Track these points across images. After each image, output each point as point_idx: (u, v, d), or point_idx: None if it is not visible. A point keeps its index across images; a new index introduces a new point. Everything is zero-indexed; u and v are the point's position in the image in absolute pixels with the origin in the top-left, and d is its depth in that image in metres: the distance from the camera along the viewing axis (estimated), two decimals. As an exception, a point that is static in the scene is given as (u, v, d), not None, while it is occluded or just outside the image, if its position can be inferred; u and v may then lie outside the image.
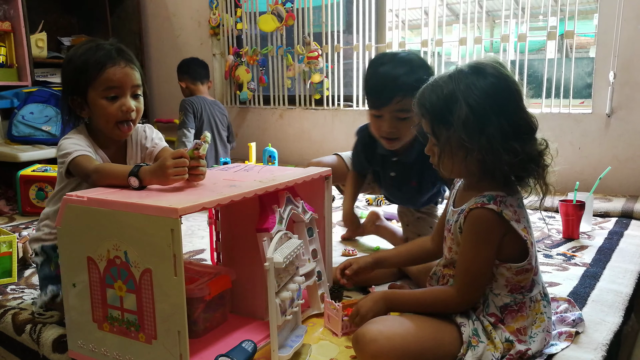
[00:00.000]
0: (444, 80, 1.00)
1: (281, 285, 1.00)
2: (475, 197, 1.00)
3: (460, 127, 0.95)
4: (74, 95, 1.22)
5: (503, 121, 0.95)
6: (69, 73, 1.23)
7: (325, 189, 1.35)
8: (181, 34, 3.74)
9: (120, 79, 1.20)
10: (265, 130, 3.44)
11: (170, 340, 0.94)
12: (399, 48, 2.96)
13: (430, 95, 1.01)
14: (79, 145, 1.19)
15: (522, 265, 0.99)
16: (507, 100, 0.97)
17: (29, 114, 2.98)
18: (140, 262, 0.95)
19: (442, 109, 0.98)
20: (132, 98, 1.23)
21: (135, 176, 1.06)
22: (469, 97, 0.95)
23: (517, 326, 1.00)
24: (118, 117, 1.21)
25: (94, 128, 1.26)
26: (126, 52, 1.23)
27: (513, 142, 0.95)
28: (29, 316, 1.28)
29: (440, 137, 1.00)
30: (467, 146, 0.96)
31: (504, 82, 0.98)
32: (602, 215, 2.10)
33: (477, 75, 0.97)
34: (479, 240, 0.99)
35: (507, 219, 0.97)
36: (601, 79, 2.38)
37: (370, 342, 0.96)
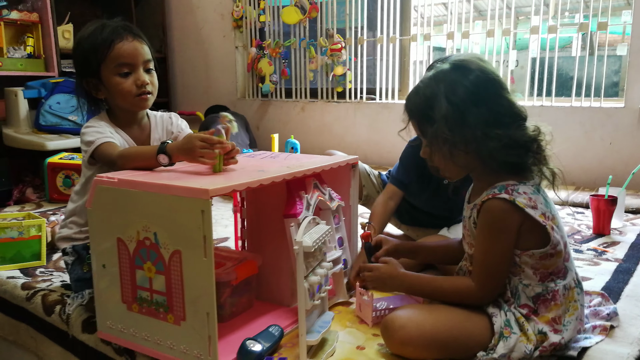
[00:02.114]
0: (425, 81, 1.02)
1: (309, 270, 1.00)
2: (486, 190, 0.99)
3: (442, 122, 0.97)
4: (87, 77, 1.23)
5: (483, 110, 0.96)
6: (80, 55, 1.23)
7: (351, 177, 1.34)
8: (204, 26, 3.75)
9: (131, 54, 1.20)
10: (286, 124, 3.44)
11: (199, 321, 0.94)
12: (424, 41, 2.93)
13: (415, 98, 1.03)
14: (101, 132, 1.19)
15: (544, 251, 0.96)
16: (486, 90, 0.97)
17: (56, 104, 3.03)
18: (170, 244, 0.95)
19: (424, 107, 1.00)
20: (145, 72, 1.22)
21: (164, 153, 1.06)
22: (448, 92, 0.97)
23: (552, 315, 0.97)
24: (134, 91, 1.21)
25: (114, 109, 1.26)
26: (133, 28, 1.23)
27: (495, 129, 0.95)
28: (58, 297, 1.30)
29: (426, 136, 1.02)
30: (451, 139, 0.97)
31: (483, 74, 0.98)
32: (634, 212, 2.05)
33: (456, 71, 0.99)
34: (493, 231, 0.98)
35: (521, 206, 0.95)
36: (635, 72, 2.31)
37: (400, 328, 0.95)
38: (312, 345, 1.00)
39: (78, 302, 1.22)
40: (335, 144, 3.17)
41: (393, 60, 3.04)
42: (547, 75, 2.52)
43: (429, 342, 0.95)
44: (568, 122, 2.48)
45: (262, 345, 0.98)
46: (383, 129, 3.09)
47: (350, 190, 1.34)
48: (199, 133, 1.10)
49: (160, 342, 1.00)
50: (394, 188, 1.52)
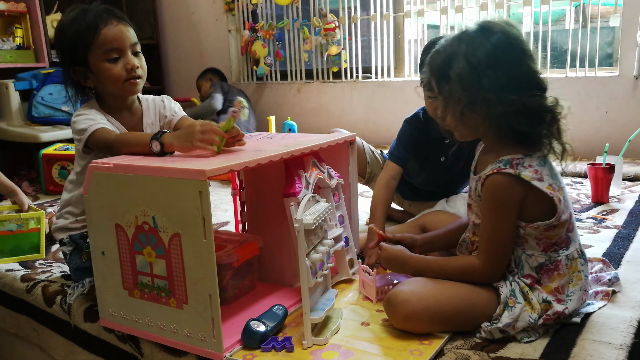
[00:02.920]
0: (450, 40, 1.00)
1: (311, 248, 0.99)
2: (491, 164, 0.98)
3: (457, 80, 0.95)
4: (74, 66, 1.19)
5: (500, 74, 0.94)
6: (64, 44, 1.19)
7: (350, 155, 1.33)
8: (196, 10, 3.70)
9: (118, 38, 1.16)
10: (283, 105, 3.41)
11: (202, 304, 0.93)
12: (417, 18, 2.89)
13: (437, 56, 1.02)
14: (93, 119, 1.17)
15: (550, 223, 0.96)
16: (506, 54, 0.95)
17: (48, 95, 2.99)
18: (169, 227, 0.94)
19: (443, 65, 0.99)
20: (133, 56, 1.20)
21: (157, 140, 1.04)
22: (468, 52, 0.95)
23: (555, 285, 0.97)
24: (124, 76, 1.18)
25: (103, 95, 1.24)
26: (115, 11, 1.19)
27: (509, 94, 0.93)
28: (58, 288, 1.30)
29: (442, 93, 1.01)
30: (462, 98, 0.96)
31: (506, 38, 0.96)
32: (632, 179, 2.04)
33: (480, 32, 0.97)
34: (498, 207, 0.96)
35: (527, 179, 0.93)
36: (629, 40, 2.29)
37: (403, 302, 0.95)
38: (316, 323, 1.00)
39: (79, 291, 1.21)
40: (332, 124, 3.15)
41: (388, 38, 3.00)
42: (542, 48, 2.50)
43: (432, 316, 0.95)
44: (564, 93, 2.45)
45: (266, 326, 0.98)
46: (380, 107, 3.06)
47: (349, 167, 1.33)
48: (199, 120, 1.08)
49: (164, 326, 1.00)
50: (394, 165, 1.52)
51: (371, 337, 0.99)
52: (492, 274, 0.99)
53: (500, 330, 0.95)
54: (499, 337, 0.95)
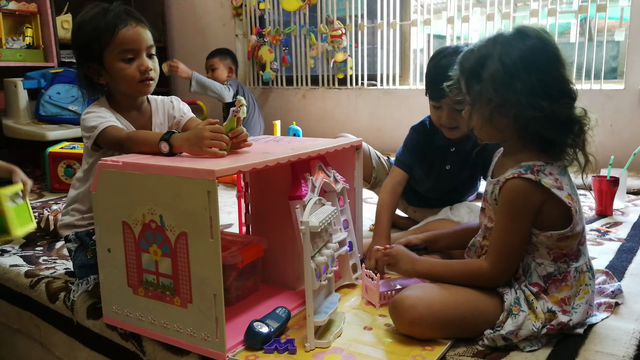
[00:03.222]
0: (485, 42, 1.01)
1: (316, 251, 0.99)
2: (511, 168, 0.98)
3: (489, 81, 0.96)
4: (89, 63, 1.21)
5: (533, 78, 0.94)
6: (81, 40, 1.21)
7: (355, 160, 1.33)
8: (203, 15, 3.73)
9: (135, 40, 1.19)
10: (288, 111, 3.43)
11: (206, 303, 0.94)
12: (424, 26, 2.91)
13: (470, 56, 1.02)
14: (103, 117, 1.18)
15: (563, 233, 0.96)
16: (541, 60, 0.96)
17: (56, 94, 3.01)
18: (176, 226, 0.95)
19: (476, 65, 0.99)
20: (147, 58, 1.22)
21: (167, 142, 1.05)
22: (502, 54, 0.96)
23: (562, 296, 0.97)
24: (137, 77, 1.20)
25: (115, 94, 1.25)
26: (135, 12, 1.22)
27: (540, 100, 0.93)
28: (62, 284, 1.30)
29: (471, 93, 1.01)
30: (493, 100, 0.96)
31: (542, 44, 0.97)
32: (635, 193, 2.05)
33: (517, 37, 0.97)
34: (514, 211, 0.96)
35: (547, 186, 0.94)
36: (635, 54, 2.30)
37: (409, 308, 0.95)
38: (319, 326, 1.00)
39: (83, 288, 1.22)
40: (337, 130, 3.15)
41: (394, 46, 3.02)
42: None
43: (438, 322, 0.95)
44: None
45: (269, 327, 0.99)
46: (385, 115, 3.08)
47: (355, 172, 1.33)
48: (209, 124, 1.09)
49: (167, 325, 1.00)
50: (400, 171, 1.53)
51: (374, 341, 0.99)
52: (498, 278, 0.99)
53: (503, 337, 0.95)
54: (502, 345, 0.95)
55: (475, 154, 1.18)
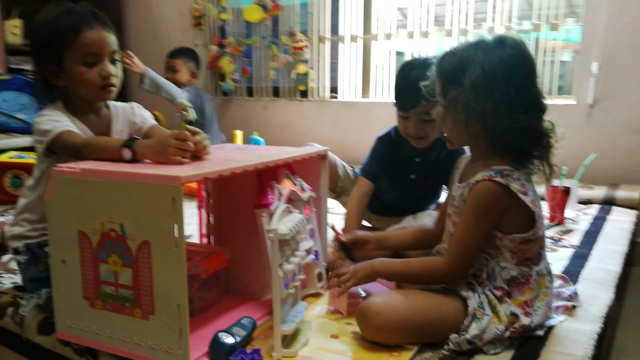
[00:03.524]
0: (465, 46, 1.02)
1: (284, 259, 0.98)
2: (482, 171, 1.00)
3: (469, 87, 0.97)
4: (47, 63, 1.16)
5: (511, 90, 0.96)
6: (41, 39, 1.16)
7: (321, 169, 1.33)
8: (162, 24, 3.67)
9: (98, 44, 1.14)
10: (248, 122, 3.40)
11: (170, 314, 0.90)
12: (384, 40, 2.96)
13: (449, 58, 1.02)
14: (58, 121, 1.13)
15: (526, 236, 0.99)
16: (520, 72, 0.98)
17: (3, 102, 2.89)
18: (138, 235, 0.91)
19: (456, 69, 1.00)
20: (110, 63, 1.17)
21: (129, 148, 1.01)
22: (484, 62, 0.97)
23: (524, 299, 1.00)
24: (98, 83, 1.16)
25: (73, 97, 1.20)
26: (100, 15, 1.18)
27: (517, 112, 0.96)
28: (10, 299, 1.23)
29: (447, 97, 1.02)
30: (472, 106, 0.97)
31: (521, 55, 0.99)
32: (585, 203, 2.14)
33: (497, 45, 0.99)
34: (480, 212, 0.98)
35: (514, 191, 0.96)
36: (585, 71, 2.42)
37: (376, 314, 0.95)
38: (286, 335, 0.98)
39: (34, 302, 1.15)
40: (298, 142, 3.13)
41: (356, 60, 3.06)
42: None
43: (405, 327, 0.96)
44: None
45: (235, 337, 0.96)
46: (346, 127, 3.10)
47: (321, 181, 1.33)
48: (171, 131, 1.06)
49: (126, 338, 0.96)
50: (366, 181, 1.54)
51: (341, 349, 0.99)
52: (452, 274, 1.01)
53: (468, 341, 0.96)
54: (467, 349, 0.97)
55: (443, 156, 1.20)
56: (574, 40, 3.01)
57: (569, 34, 2.64)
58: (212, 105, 2.98)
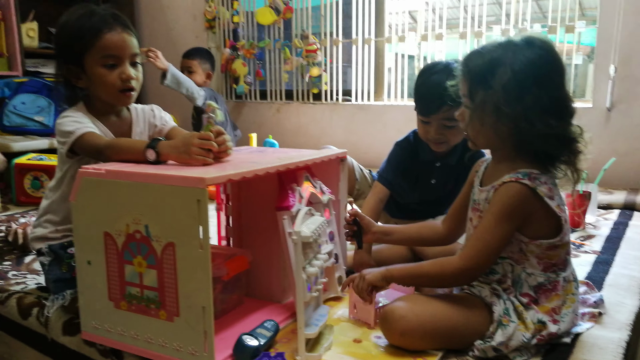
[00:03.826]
0: (493, 46, 0.99)
1: (307, 262, 0.98)
2: (508, 174, 0.98)
3: (500, 90, 0.94)
4: (69, 64, 1.17)
5: (543, 94, 0.94)
6: (64, 40, 1.17)
7: (340, 171, 1.33)
8: (175, 27, 3.69)
9: (119, 46, 1.15)
10: (261, 125, 3.41)
11: (194, 316, 0.90)
12: (398, 43, 2.96)
13: (477, 58, 0.99)
14: (80, 122, 1.13)
15: (553, 242, 0.97)
16: (551, 75, 0.96)
17: (21, 104, 2.91)
18: (163, 236, 0.92)
19: (484, 70, 0.97)
20: (130, 66, 1.18)
21: (153, 149, 1.02)
22: (514, 63, 0.94)
23: (552, 306, 0.98)
24: (118, 85, 1.16)
25: (94, 99, 1.21)
26: (122, 18, 1.18)
27: (549, 117, 0.94)
28: (34, 300, 1.24)
29: (475, 99, 0.99)
30: (503, 110, 0.94)
31: (551, 56, 0.97)
32: (605, 207, 2.11)
33: (527, 46, 0.96)
34: (503, 212, 0.96)
35: (541, 195, 0.95)
36: (602, 74, 2.40)
37: (400, 318, 0.94)
38: (309, 339, 0.98)
39: (59, 303, 1.16)
40: (312, 145, 3.15)
41: (368, 62, 3.06)
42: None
43: (428, 332, 0.95)
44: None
45: (258, 340, 0.96)
46: (359, 130, 3.10)
47: (340, 184, 1.33)
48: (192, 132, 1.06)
49: (151, 340, 0.96)
50: (382, 187, 1.54)
51: (364, 353, 0.98)
52: (465, 272, 0.97)
53: (494, 348, 0.95)
54: (492, 356, 0.95)
55: (467, 159, 1.19)
56: (584, 43, 3.00)
57: (580, 37, 2.62)
58: (225, 107, 3.00)
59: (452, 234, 1.19)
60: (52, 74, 3.19)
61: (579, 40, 2.67)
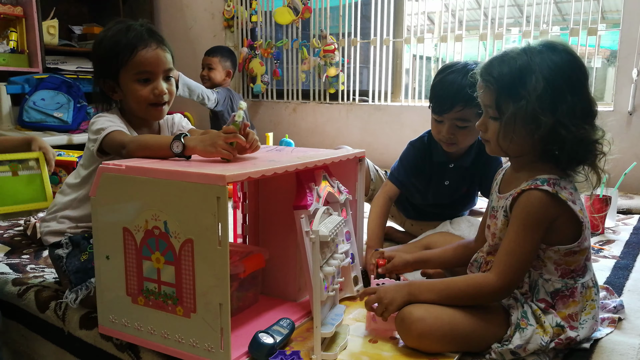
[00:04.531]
0: (516, 52, 0.95)
1: (324, 261, 0.98)
2: (525, 181, 0.97)
3: (535, 100, 0.91)
4: (105, 78, 1.20)
5: (576, 99, 0.92)
6: (100, 55, 1.20)
7: (358, 171, 1.33)
8: (194, 25, 3.72)
9: (153, 62, 1.17)
10: (278, 124, 3.42)
11: (211, 313, 0.91)
12: (417, 44, 2.95)
13: (501, 66, 0.95)
14: (113, 122, 1.16)
15: (571, 247, 0.96)
16: (580, 78, 0.94)
17: (40, 100, 2.95)
18: (182, 233, 0.92)
19: (513, 80, 0.93)
20: (163, 80, 1.20)
21: (180, 141, 1.02)
22: (544, 70, 0.91)
23: (569, 312, 0.97)
24: (150, 100, 1.19)
25: (127, 111, 1.24)
26: (157, 34, 1.21)
27: (582, 121, 0.92)
28: (52, 293, 1.25)
29: (504, 110, 0.95)
30: (540, 119, 0.91)
31: (578, 60, 0.95)
32: (625, 212, 2.08)
33: (550, 51, 0.94)
34: (528, 222, 0.94)
35: (563, 199, 0.93)
36: (624, 77, 2.36)
37: (418, 320, 0.94)
38: (325, 338, 0.98)
39: (84, 293, 1.16)
40: (328, 145, 3.16)
41: (386, 63, 3.05)
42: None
43: (446, 335, 0.94)
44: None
45: (274, 338, 0.96)
46: (375, 130, 3.09)
47: (357, 184, 1.32)
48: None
49: (168, 335, 0.97)
50: (392, 186, 1.53)
51: (380, 354, 0.98)
52: (503, 290, 0.95)
53: (512, 351, 0.94)
54: (510, 359, 0.94)
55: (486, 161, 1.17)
56: (604, 46, 2.95)
57: (600, 39, 2.59)
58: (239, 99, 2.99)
59: None
60: (72, 72, 3.26)
61: (599, 43, 2.63)
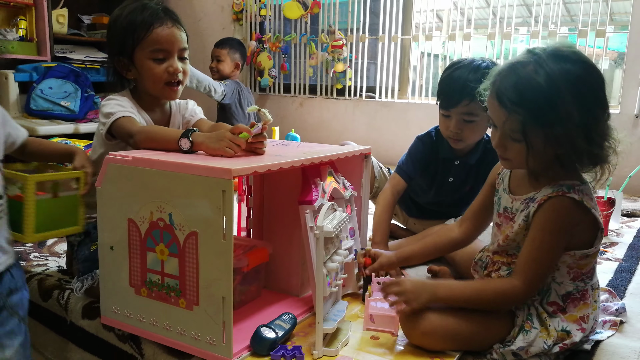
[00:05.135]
0: (532, 70, 0.89)
1: (327, 256, 0.98)
2: (549, 186, 0.95)
3: (572, 128, 0.88)
4: (120, 56, 1.20)
5: (600, 112, 0.91)
6: (115, 33, 1.20)
7: (364, 168, 1.32)
8: (203, 18, 3.71)
9: (168, 40, 1.17)
10: (284, 118, 3.41)
11: (214, 306, 0.91)
12: (425, 41, 2.93)
13: (522, 90, 0.89)
14: (122, 106, 1.16)
15: (586, 252, 0.95)
16: (601, 86, 0.91)
17: (48, 89, 2.96)
18: (186, 225, 0.92)
19: (541, 107, 0.88)
20: (178, 60, 1.20)
21: (188, 138, 1.03)
22: (569, 88, 0.87)
23: (580, 314, 0.96)
24: (165, 78, 1.18)
25: (140, 91, 1.23)
26: (172, 12, 1.20)
27: (605, 130, 0.91)
28: (55, 282, 1.26)
29: (532, 135, 0.90)
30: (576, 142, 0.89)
31: (593, 66, 0.92)
32: (629, 215, 2.07)
33: (564, 61, 0.89)
34: (554, 229, 0.93)
35: (588, 207, 0.92)
36: (630, 80, 2.35)
37: (424, 318, 0.94)
38: (326, 334, 0.98)
39: (89, 283, 1.16)
40: (333, 140, 3.15)
41: (394, 60, 3.04)
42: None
43: (450, 333, 0.94)
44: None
45: (276, 333, 0.96)
46: (381, 127, 3.08)
47: (362, 180, 1.32)
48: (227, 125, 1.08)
49: (170, 327, 0.97)
50: (400, 179, 1.53)
51: (381, 351, 0.98)
52: (529, 296, 0.95)
53: (513, 353, 0.94)
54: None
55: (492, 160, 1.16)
56: (611, 48, 2.93)
57: (608, 41, 2.57)
58: (251, 98, 2.98)
59: (469, 236, 1.17)
60: (80, 61, 3.27)
61: (607, 44, 2.62)
